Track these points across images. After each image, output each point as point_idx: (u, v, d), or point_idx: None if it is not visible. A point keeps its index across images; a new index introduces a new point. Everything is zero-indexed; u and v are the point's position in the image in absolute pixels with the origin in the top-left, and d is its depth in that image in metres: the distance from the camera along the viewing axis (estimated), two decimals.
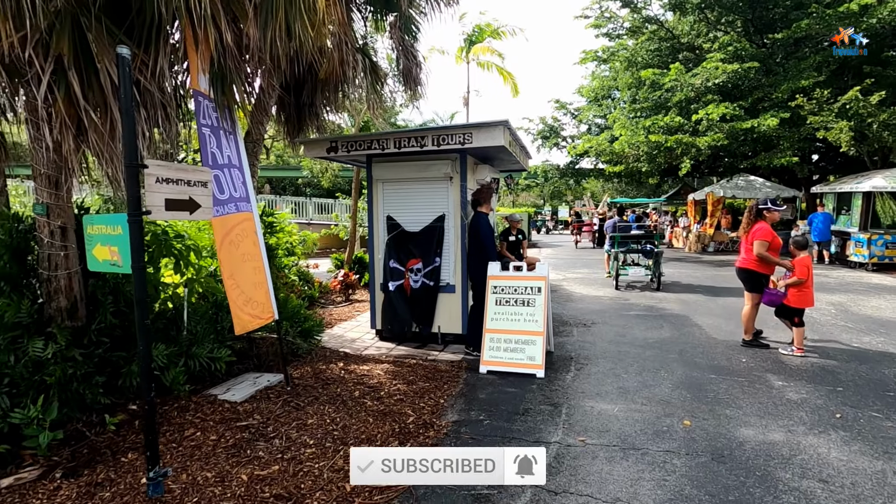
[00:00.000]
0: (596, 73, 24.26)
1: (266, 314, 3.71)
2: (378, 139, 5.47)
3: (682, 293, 9.11)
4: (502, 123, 5.07)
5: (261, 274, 3.73)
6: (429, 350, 5.72)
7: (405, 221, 5.97)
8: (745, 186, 17.99)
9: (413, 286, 5.92)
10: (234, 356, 4.57)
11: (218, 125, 3.45)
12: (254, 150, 5.91)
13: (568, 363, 5.09)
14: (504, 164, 7.45)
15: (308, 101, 6.19)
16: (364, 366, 4.93)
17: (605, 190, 43.98)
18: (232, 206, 3.39)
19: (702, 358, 5.18)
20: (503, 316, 4.98)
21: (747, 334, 5.61)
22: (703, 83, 15.81)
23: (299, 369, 4.73)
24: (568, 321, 7.04)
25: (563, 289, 9.95)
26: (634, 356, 5.28)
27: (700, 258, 15.73)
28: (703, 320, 6.92)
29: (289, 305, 5.52)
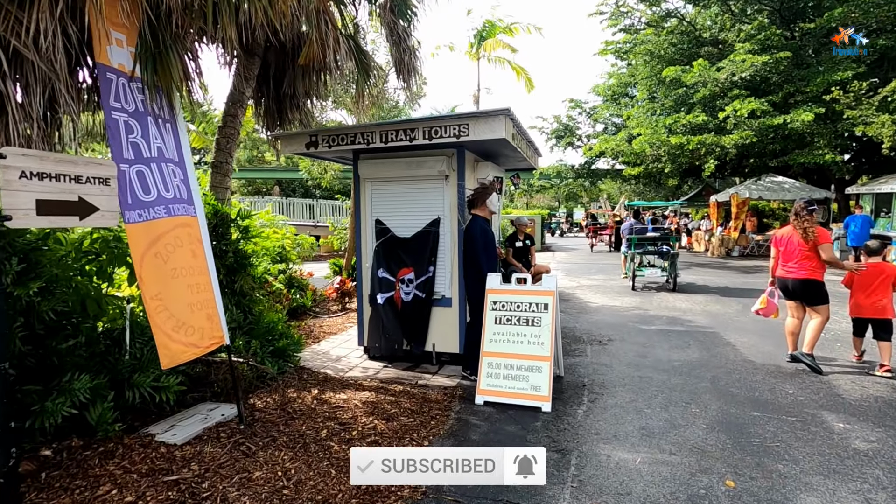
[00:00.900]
0: (613, 70, 23.33)
1: (207, 341, 3.06)
2: (362, 132, 4.80)
3: (708, 304, 8.27)
4: (503, 112, 4.36)
5: (203, 292, 3.08)
6: (421, 372, 5.03)
7: (396, 226, 5.29)
8: (773, 187, 16.95)
9: (404, 299, 5.23)
10: (188, 383, 3.94)
11: (145, 110, 2.82)
12: (227, 146, 5.32)
13: (580, 392, 4.34)
14: (510, 162, 6.73)
15: (289, 92, 5.59)
16: (342, 393, 4.25)
17: (621, 191, 42.89)
18: (161, 210, 2.75)
19: (739, 387, 4.39)
20: (503, 337, 4.26)
21: (808, 347, 4.80)
22: (728, 77, 14.85)
23: (265, 398, 4.08)
24: (581, 337, 6.28)
25: (577, 298, 9.18)
26: (658, 384, 4.52)
27: (725, 263, 14.76)
28: (735, 338, 6.10)
29: (262, 321, 4.88)
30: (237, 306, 4.92)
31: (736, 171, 19.93)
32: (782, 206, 24.51)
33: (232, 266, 4.90)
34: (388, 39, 5.80)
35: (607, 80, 23.35)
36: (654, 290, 9.77)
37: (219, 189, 5.25)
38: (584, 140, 21.69)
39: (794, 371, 4.81)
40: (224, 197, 5.29)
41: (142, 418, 3.58)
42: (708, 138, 14.41)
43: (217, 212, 4.91)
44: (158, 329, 2.69)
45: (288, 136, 5.10)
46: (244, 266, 5.05)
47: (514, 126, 4.79)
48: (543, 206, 47.33)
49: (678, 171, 19.41)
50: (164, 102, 3.01)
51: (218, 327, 3.24)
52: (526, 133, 5.59)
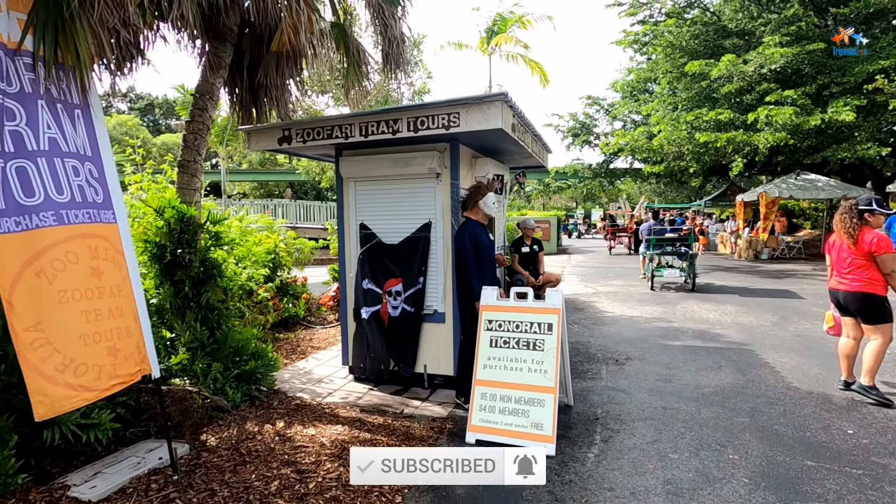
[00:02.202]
0: (632, 66, 22.40)
1: (106, 382, 2.45)
2: (340, 125, 4.20)
3: (739, 315, 7.46)
4: (499, 98, 3.71)
5: (112, 319, 2.49)
6: (409, 397, 4.40)
7: (382, 231, 4.69)
8: (806, 186, 15.88)
9: (391, 314, 4.62)
10: (130, 416, 3.38)
11: (34, 92, 2.26)
12: (195, 143, 4.77)
13: (592, 428, 3.66)
14: (516, 159, 6.06)
15: (265, 82, 5.01)
16: (311, 427, 3.64)
17: (641, 191, 41.73)
18: (49, 217, 2.18)
19: (785, 424, 3.65)
20: (500, 362, 3.61)
21: (868, 377, 4.04)
22: (756, 70, 13.89)
23: (220, 433, 3.49)
24: (595, 354, 5.57)
25: (593, 306, 8.44)
26: (686, 417, 3.80)
27: (755, 267, 13.80)
28: (773, 357, 5.32)
29: (230, 340, 4.31)
30: (203, 322, 4.36)
31: (765, 169, 18.83)
32: (813, 205, 23.26)
33: (198, 277, 4.35)
34: (372, 23, 5.20)
35: (626, 75, 22.43)
36: (677, 299, 8.98)
37: (186, 190, 4.71)
38: (602, 138, 20.79)
39: (850, 402, 4.05)
40: (192, 199, 4.75)
41: (64, 462, 3.02)
42: (738, 136, 13.46)
43: (182, 216, 4.37)
44: (33, 369, 2.11)
45: (258, 130, 4.54)
46: (213, 276, 4.50)
47: (513, 115, 4.13)
48: (561, 206, 46.41)
49: (702, 169, 18.42)
50: (71, 84, 2.45)
51: (140, 358, 2.66)
52: (531, 125, 4.93)
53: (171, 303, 4.34)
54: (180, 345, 4.10)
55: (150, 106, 49.03)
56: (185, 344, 4.12)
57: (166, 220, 4.32)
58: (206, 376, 3.88)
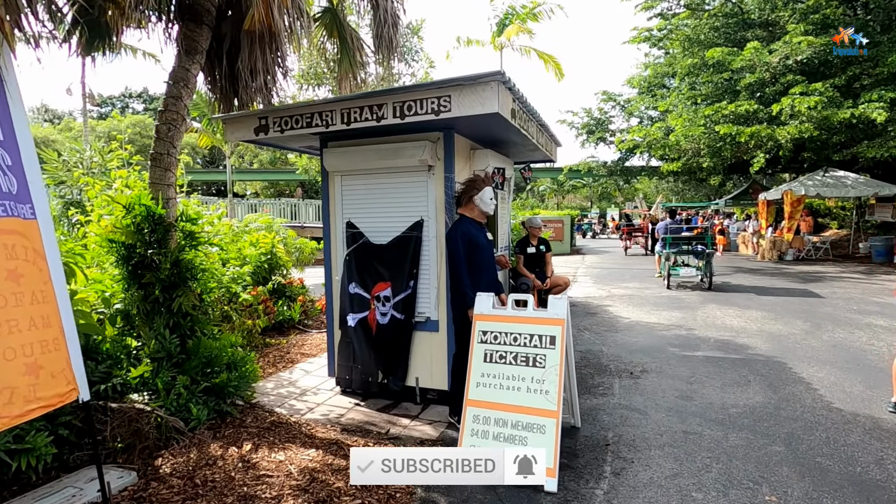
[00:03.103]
0: (648, 60, 21.67)
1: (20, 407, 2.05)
2: (321, 111, 3.78)
3: (766, 321, 6.87)
4: (495, 78, 3.24)
5: (34, 331, 2.11)
6: (398, 414, 3.97)
7: (370, 230, 4.26)
8: (834, 183, 15.05)
9: (380, 321, 4.19)
10: (74, 438, 3.00)
11: None
12: (168, 134, 4.39)
13: (601, 456, 3.18)
14: (521, 152, 5.59)
15: (244, 68, 4.62)
16: (280, 452, 3.22)
17: (658, 190, 40.77)
18: None
19: (830, 455, 3.13)
20: (495, 380, 3.15)
21: None
22: (781, 61, 13.18)
23: (177, 457, 3.09)
24: (607, 366, 5.08)
25: (607, 311, 7.92)
26: (711, 445, 3.30)
27: (780, 269, 13.09)
28: (808, 371, 4.77)
29: (200, 352, 3.91)
30: (174, 330, 3.99)
31: (789, 166, 18.00)
32: (840, 204, 22.27)
33: (169, 280, 3.98)
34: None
35: (643, 70, 21.72)
36: (697, 303, 8.40)
37: (159, 186, 4.33)
38: (618, 135, 20.13)
39: None
40: (166, 196, 4.36)
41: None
42: (761, 130, 12.76)
43: (151, 214, 4.01)
44: None
45: (233, 118, 4.15)
46: (186, 280, 4.11)
47: (513, 98, 3.66)
48: (575, 206, 45.64)
49: (722, 166, 17.67)
50: None
51: (60, 379, 2.26)
52: (535, 113, 4.45)
53: (139, 308, 3.98)
54: (144, 355, 3.73)
55: None
56: (151, 354, 3.74)
57: (133, 217, 3.97)
58: (170, 391, 3.49)
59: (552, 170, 35.64)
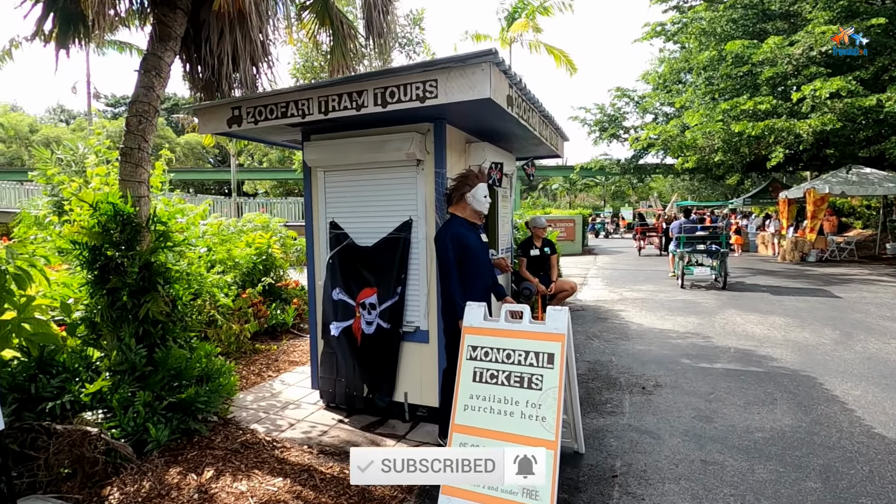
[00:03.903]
0: (663, 55, 21.01)
1: None
2: (296, 100, 3.42)
3: (791, 329, 6.38)
4: (486, 59, 2.84)
5: None
6: (384, 433, 3.60)
7: (355, 230, 3.90)
8: (859, 181, 14.34)
9: (365, 331, 3.83)
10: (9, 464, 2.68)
11: None
12: (139, 127, 4.08)
13: (607, 491, 2.78)
14: (523, 146, 5.18)
15: (226, 54, 4.30)
16: (245, 480, 2.88)
17: (674, 189, 39.93)
18: None
19: (876, 496, 2.68)
20: (485, 403, 2.76)
21: None
22: (804, 52, 12.54)
23: (126, 487, 2.75)
24: (617, 379, 4.65)
25: (617, 316, 7.47)
26: (735, 479, 2.88)
27: (802, 271, 12.47)
28: (842, 387, 4.30)
29: (168, 363, 3.58)
30: (141, 339, 3.67)
31: (811, 163, 17.27)
32: (865, 203, 21.42)
33: (137, 285, 3.66)
34: None
35: (657, 65, 21.07)
36: (715, 308, 7.91)
37: (129, 183, 4.01)
38: (632, 132, 19.53)
39: None
40: (137, 193, 4.04)
41: None
42: (777, 123, 12.16)
43: (118, 213, 3.70)
44: None
45: (205, 109, 3.81)
46: (156, 285, 3.79)
47: (509, 84, 3.26)
48: (588, 205, 44.94)
49: (740, 163, 17.03)
50: None
51: None
52: (537, 102, 4.05)
53: (104, 315, 3.66)
54: (104, 367, 3.42)
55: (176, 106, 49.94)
56: (112, 366, 3.42)
57: (98, 217, 3.65)
58: (127, 409, 3.17)
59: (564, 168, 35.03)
